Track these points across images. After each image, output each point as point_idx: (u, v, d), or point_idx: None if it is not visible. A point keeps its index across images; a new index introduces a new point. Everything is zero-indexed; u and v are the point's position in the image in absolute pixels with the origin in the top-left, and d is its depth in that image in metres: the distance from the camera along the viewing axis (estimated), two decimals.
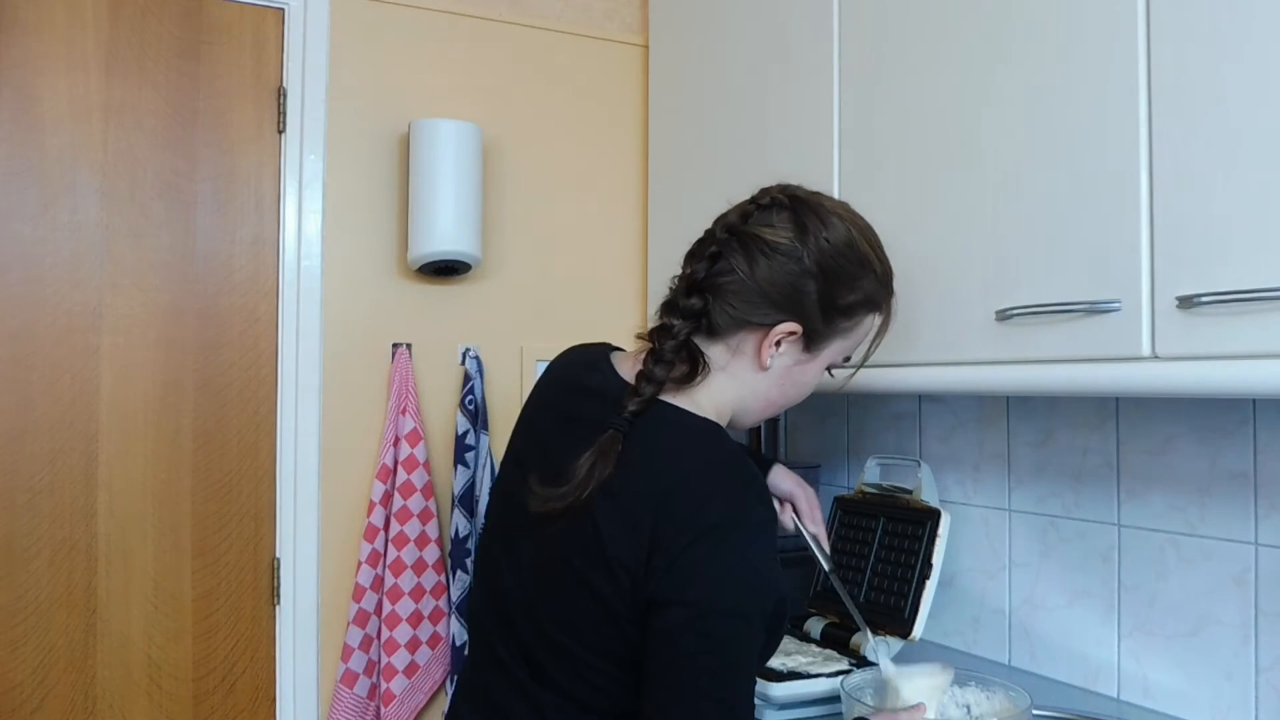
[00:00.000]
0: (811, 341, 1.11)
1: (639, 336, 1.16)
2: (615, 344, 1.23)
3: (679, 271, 1.15)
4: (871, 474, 1.79)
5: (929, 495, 1.65)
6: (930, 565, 1.58)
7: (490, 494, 1.23)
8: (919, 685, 1.24)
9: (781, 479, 1.42)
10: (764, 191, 1.15)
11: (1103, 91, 1.16)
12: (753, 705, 0.99)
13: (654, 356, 1.07)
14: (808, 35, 1.68)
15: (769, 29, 1.79)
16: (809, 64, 1.67)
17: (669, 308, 1.11)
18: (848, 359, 1.20)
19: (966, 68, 1.35)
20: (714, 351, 1.10)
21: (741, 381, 1.11)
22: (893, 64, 1.49)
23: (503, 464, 1.22)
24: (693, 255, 1.14)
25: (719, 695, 0.95)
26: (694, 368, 1.08)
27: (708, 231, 1.15)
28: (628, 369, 1.13)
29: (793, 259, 1.08)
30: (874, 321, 1.18)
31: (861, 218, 1.16)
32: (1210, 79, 1.04)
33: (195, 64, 1.91)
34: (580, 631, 1.03)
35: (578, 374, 1.17)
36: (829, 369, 1.18)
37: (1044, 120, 1.23)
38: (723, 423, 1.11)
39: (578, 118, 2.24)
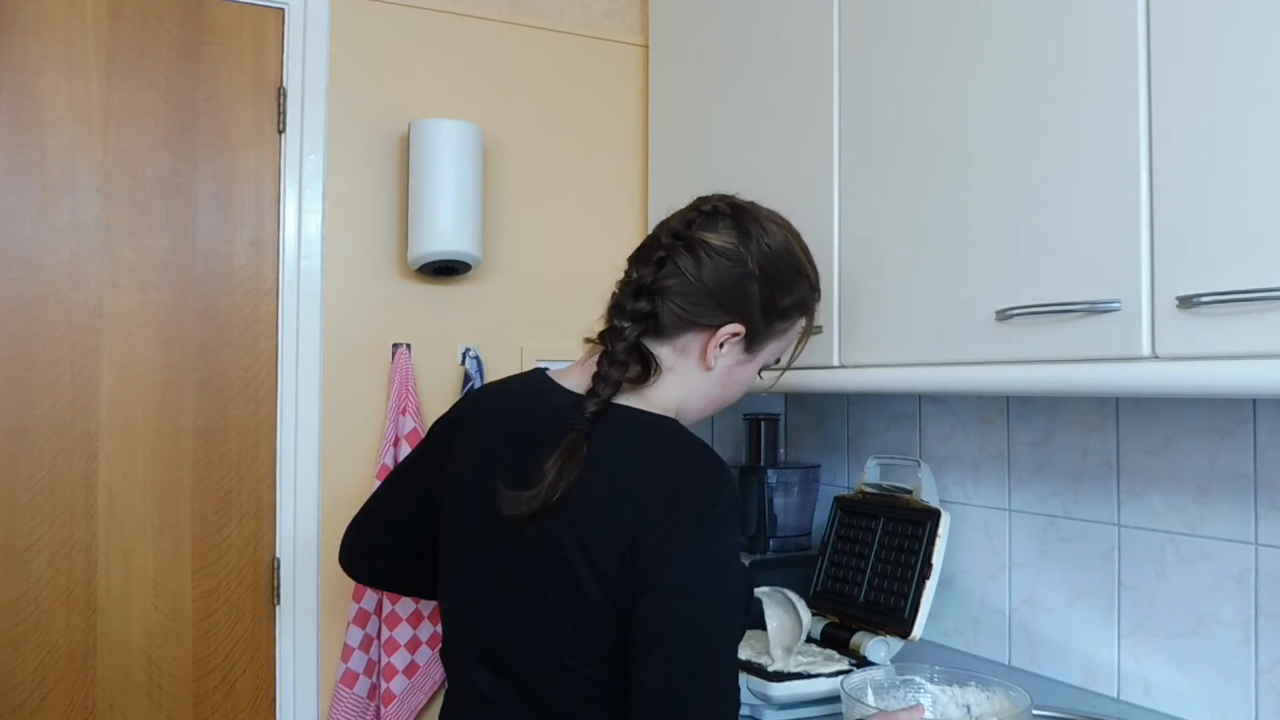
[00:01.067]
0: (752, 342, 1.17)
1: (587, 340, 1.19)
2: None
3: (620, 276, 1.19)
4: (871, 474, 1.80)
5: (929, 495, 1.65)
6: (930, 565, 1.58)
7: (440, 549, 1.21)
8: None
9: None
10: (704, 200, 1.20)
11: (1102, 90, 1.16)
12: (738, 685, 1.01)
13: (608, 358, 1.11)
14: (808, 35, 1.68)
15: (769, 29, 1.79)
16: (809, 64, 1.67)
17: (616, 311, 1.15)
18: (778, 361, 1.26)
19: (966, 67, 1.36)
20: (662, 352, 1.14)
21: (686, 381, 1.16)
22: (892, 63, 1.49)
23: (445, 516, 1.20)
24: (638, 260, 1.17)
25: (707, 676, 0.97)
26: (646, 368, 1.12)
27: (651, 237, 1.19)
28: (574, 381, 1.15)
29: (737, 262, 1.13)
30: (802, 325, 1.25)
31: (793, 226, 1.24)
32: (1211, 78, 1.04)
33: (195, 64, 1.91)
34: (569, 642, 1.04)
35: (521, 398, 1.18)
36: (761, 371, 1.24)
37: (1044, 119, 1.23)
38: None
39: (578, 118, 2.24)
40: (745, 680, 1.46)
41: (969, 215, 1.34)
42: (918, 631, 1.57)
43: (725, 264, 1.13)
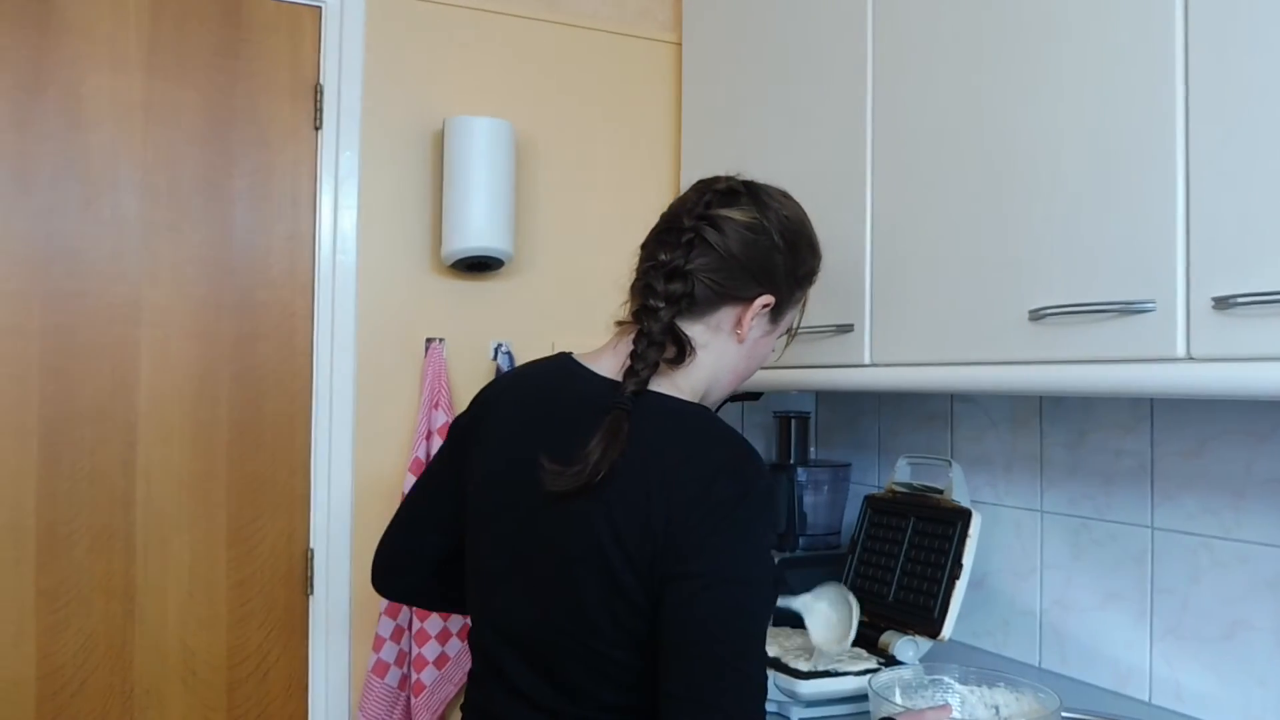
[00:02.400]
0: (776, 312, 1.20)
1: (619, 323, 1.19)
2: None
3: (639, 262, 1.19)
4: (902, 473, 1.79)
5: (960, 495, 1.65)
6: (960, 565, 1.57)
7: (467, 538, 1.21)
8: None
9: None
10: (712, 180, 1.21)
11: (1139, 88, 1.15)
12: (766, 675, 1.01)
13: (645, 338, 1.10)
14: (841, 32, 1.67)
15: (802, 26, 1.78)
16: (842, 61, 1.67)
17: (648, 291, 1.13)
18: (790, 331, 1.28)
19: (1001, 65, 1.35)
20: (695, 331, 1.14)
21: (719, 357, 1.17)
22: (926, 61, 1.48)
23: (473, 502, 1.20)
24: (662, 244, 1.16)
25: (737, 665, 0.97)
26: (681, 350, 1.12)
27: (670, 220, 1.19)
28: (605, 365, 1.15)
29: (763, 234, 1.15)
30: (808, 294, 1.27)
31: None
32: (1248, 76, 1.03)
33: (234, 62, 1.94)
34: (597, 625, 1.04)
35: (551, 380, 1.18)
36: (780, 338, 1.26)
37: (1079, 118, 1.22)
38: (697, 401, 1.16)
39: (610, 115, 2.24)
40: (773, 677, 1.46)
41: (1002, 214, 1.33)
42: (947, 631, 1.56)
43: (752, 237, 1.15)
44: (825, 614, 1.58)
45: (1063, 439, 1.67)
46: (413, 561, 1.34)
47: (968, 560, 1.58)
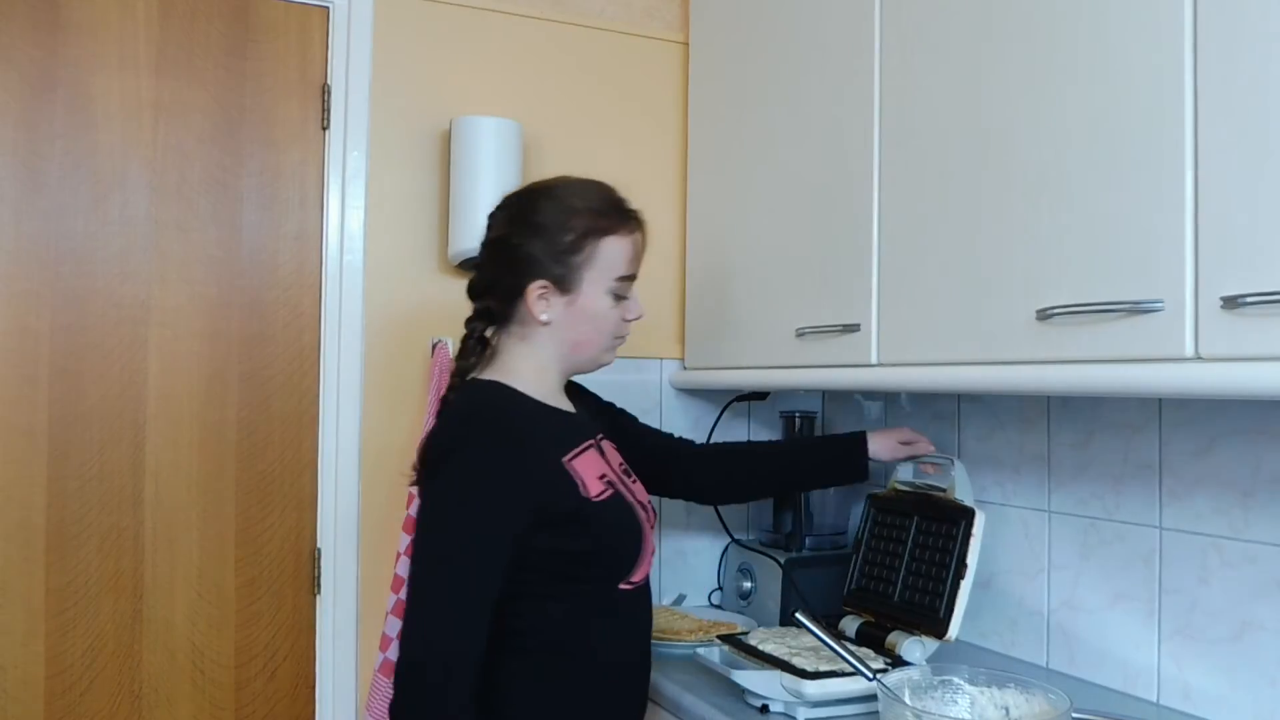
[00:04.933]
0: (564, 284, 1.36)
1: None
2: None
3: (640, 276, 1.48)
4: (905, 472, 1.78)
5: (963, 494, 1.64)
6: (965, 565, 1.57)
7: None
8: None
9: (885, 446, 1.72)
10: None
11: (1147, 87, 1.14)
12: (444, 627, 1.22)
13: (461, 355, 1.42)
14: (848, 33, 1.67)
15: (809, 26, 1.78)
16: (849, 61, 1.67)
17: (468, 320, 1.43)
18: (627, 276, 1.42)
19: (1007, 64, 1.34)
20: (513, 329, 1.41)
21: (543, 338, 1.39)
22: (933, 60, 1.48)
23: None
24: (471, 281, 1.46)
25: (411, 604, 1.24)
26: (483, 351, 1.41)
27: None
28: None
29: (512, 238, 1.37)
30: (618, 242, 1.40)
31: (570, 177, 1.44)
32: (1257, 74, 1.03)
33: (242, 62, 1.94)
34: None
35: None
36: (617, 294, 1.41)
37: (1087, 116, 1.22)
38: (555, 377, 1.43)
39: (618, 115, 2.24)
40: (779, 677, 1.46)
41: (1009, 213, 1.33)
42: (953, 632, 1.56)
43: (506, 245, 1.38)
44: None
45: (1070, 439, 1.67)
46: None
47: (972, 560, 1.57)
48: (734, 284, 2.00)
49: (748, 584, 2.06)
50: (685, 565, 2.25)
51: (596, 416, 1.58)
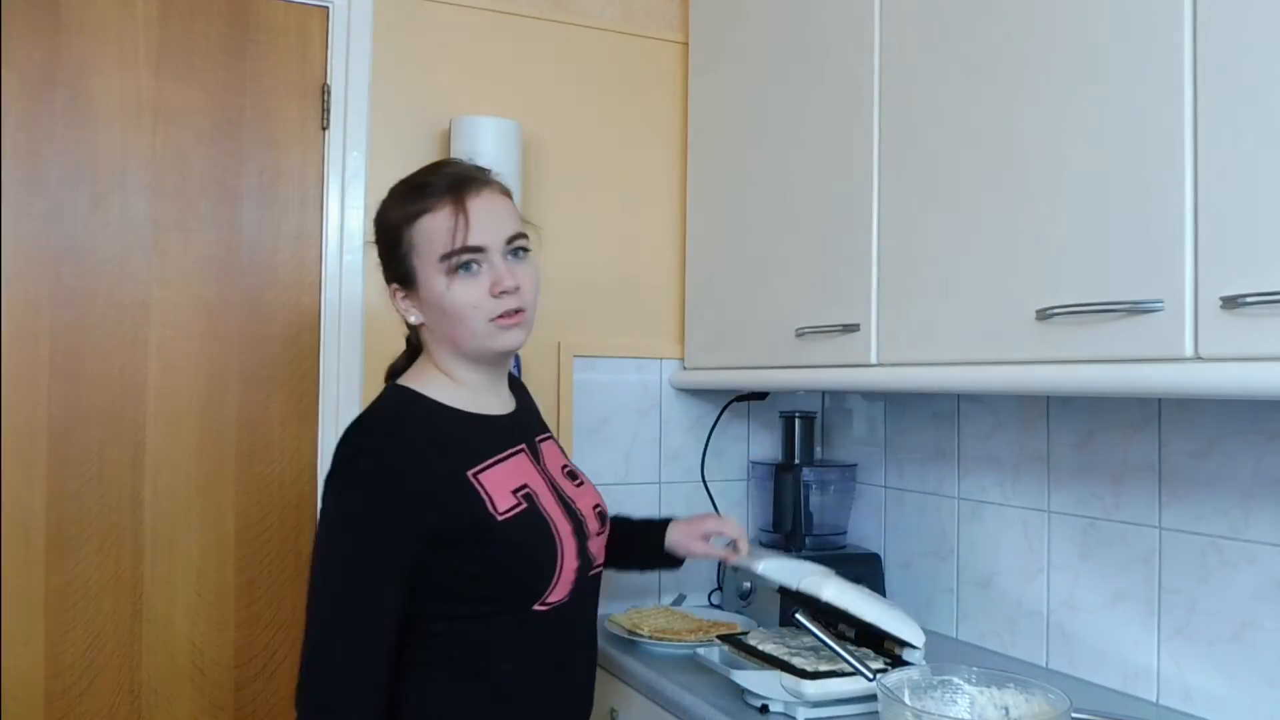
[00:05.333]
0: (407, 281, 1.33)
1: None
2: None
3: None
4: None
5: (784, 577, 1.57)
6: (855, 616, 1.51)
7: None
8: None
9: (681, 540, 1.62)
10: None
11: (1147, 88, 1.14)
12: (331, 647, 1.17)
13: (400, 357, 1.45)
14: (848, 33, 1.67)
15: (810, 27, 1.78)
16: (849, 62, 1.67)
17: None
18: (456, 251, 1.27)
19: (1007, 64, 1.34)
20: (423, 333, 1.38)
21: (431, 339, 1.36)
22: (933, 61, 1.48)
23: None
24: None
25: (309, 625, 1.19)
26: (412, 355, 1.42)
27: None
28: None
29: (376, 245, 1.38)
30: (431, 219, 1.28)
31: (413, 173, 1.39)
32: (1257, 75, 1.03)
33: (242, 62, 1.94)
34: None
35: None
36: (450, 269, 1.28)
37: (1087, 117, 1.22)
38: (471, 375, 1.35)
39: (618, 115, 2.24)
40: (778, 677, 1.46)
41: (1009, 213, 1.33)
42: (918, 639, 1.52)
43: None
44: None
45: (1070, 439, 1.67)
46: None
47: (856, 609, 1.51)
48: (734, 284, 2.00)
49: (747, 584, 2.07)
50: (685, 565, 2.24)
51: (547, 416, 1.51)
